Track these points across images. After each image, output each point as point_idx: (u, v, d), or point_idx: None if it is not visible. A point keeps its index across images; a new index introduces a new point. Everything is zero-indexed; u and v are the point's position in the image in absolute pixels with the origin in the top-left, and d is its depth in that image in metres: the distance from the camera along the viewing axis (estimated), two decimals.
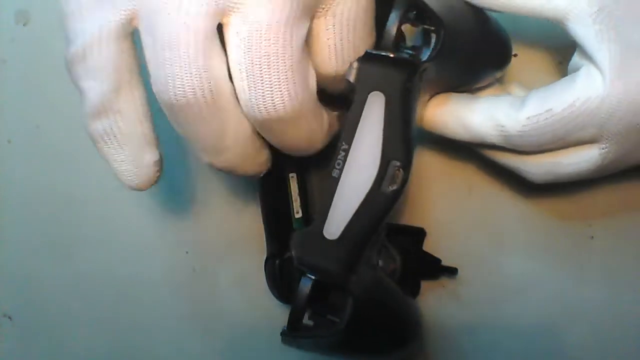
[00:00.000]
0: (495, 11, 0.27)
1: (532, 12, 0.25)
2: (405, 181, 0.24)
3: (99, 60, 0.23)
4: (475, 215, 0.34)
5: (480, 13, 0.28)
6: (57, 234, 0.38)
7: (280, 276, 0.30)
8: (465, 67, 0.29)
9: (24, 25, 0.38)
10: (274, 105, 0.22)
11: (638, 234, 0.33)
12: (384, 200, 0.24)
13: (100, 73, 0.23)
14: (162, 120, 0.24)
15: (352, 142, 0.24)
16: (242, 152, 0.24)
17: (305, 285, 0.25)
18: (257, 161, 0.26)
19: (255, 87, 0.22)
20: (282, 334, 0.26)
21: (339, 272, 0.24)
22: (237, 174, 0.26)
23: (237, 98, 0.23)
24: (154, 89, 0.23)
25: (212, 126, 0.23)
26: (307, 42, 0.23)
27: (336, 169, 0.24)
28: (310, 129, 0.24)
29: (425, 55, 0.26)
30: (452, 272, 0.33)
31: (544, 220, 0.34)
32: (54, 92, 0.38)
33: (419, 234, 0.33)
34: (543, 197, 0.34)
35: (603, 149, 0.25)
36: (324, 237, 0.24)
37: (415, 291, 0.33)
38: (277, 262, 0.30)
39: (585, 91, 0.24)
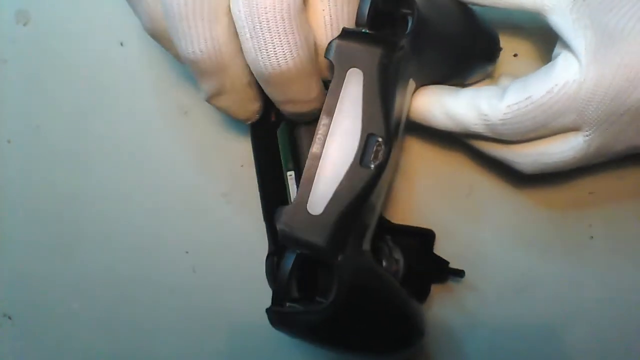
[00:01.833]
0: (477, 4, 0.27)
1: (511, 5, 0.26)
2: (387, 156, 0.24)
3: None
4: (475, 215, 0.34)
5: (463, 7, 0.28)
6: (57, 234, 0.38)
7: None
8: (450, 58, 0.29)
9: (24, 25, 0.38)
10: (278, 62, 0.24)
11: (638, 234, 0.33)
12: (366, 175, 0.24)
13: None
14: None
15: (332, 117, 0.24)
16: (237, 98, 0.28)
17: (289, 259, 0.25)
18: (249, 109, 0.29)
19: (259, 47, 0.24)
20: (267, 310, 0.26)
21: (323, 246, 0.24)
22: (230, 115, 0.29)
23: (237, 56, 0.26)
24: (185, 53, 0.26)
25: (214, 77, 0.26)
26: (306, 10, 0.25)
27: (317, 144, 0.24)
28: (310, 84, 0.26)
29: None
30: (458, 274, 0.33)
31: (544, 221, 0.34)
32: (54, 92, 0.38)
33: (428, 235, 0.33)
34: (543, 198, 0.34)
35: (587, 135, 0.25)
36: (307, 212, 0.24)
37: (423, 296, 0.33)
38: (276, 259, 0.30)
39: (562, 77, 0.24)
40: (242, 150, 0.35)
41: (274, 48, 0.24)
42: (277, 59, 0.24)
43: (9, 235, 0.39)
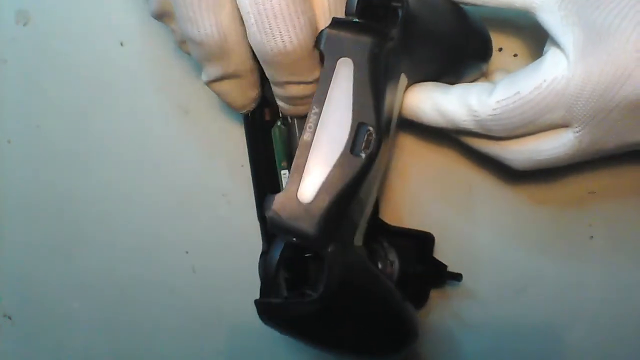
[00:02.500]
0: (468, 3, 0.28)
1: (501, 3, 0.26)
2: (378, 145, 0.24)
3: None
4: (474, 215, 0.34)
5: (455, 7, 0.29)
6: (57, 234, 0.38)
7: None
8: (442, 56, 0.29)
9: (24, 25, 0.38)
10: (284, 44, 0.24)
11: (638, 234, 0.33)
12: (357, 163, 0.24)
13: None
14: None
15: (322, 106, 0.24)
16: (238, 83, 0.28)
17: (277, 248, 0.25)
18: (248, 95, 0.29)
19: (264, 31, 0.24)
20: (255, 302, 0.26)
21: (313, 234, 0.24)
22: (228, 102, 0.30)
23: (242, 41, 0.26)
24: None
25: (218, 60, 0.27)
26: None
27: (308, 132, 0.24)
28: (313, 64, 0.26)
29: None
30: (456, 278, 0.33)
31: (544, 220, 0.34)
32: (54, 92, 0.38)
33: (427, 239, 0.32)
34: (543, 197, 0.34)
35: (577, 132, 0.26)
36: (297, 199, 0.24)
37: (422, 300, 0.32)
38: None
39: (551, 73, 0.25)
40: (242, 150, 0.35)
41: (280, 32, 0.24)
42: (283, 40, 0.24)
43: (9, 235, 0.39)
